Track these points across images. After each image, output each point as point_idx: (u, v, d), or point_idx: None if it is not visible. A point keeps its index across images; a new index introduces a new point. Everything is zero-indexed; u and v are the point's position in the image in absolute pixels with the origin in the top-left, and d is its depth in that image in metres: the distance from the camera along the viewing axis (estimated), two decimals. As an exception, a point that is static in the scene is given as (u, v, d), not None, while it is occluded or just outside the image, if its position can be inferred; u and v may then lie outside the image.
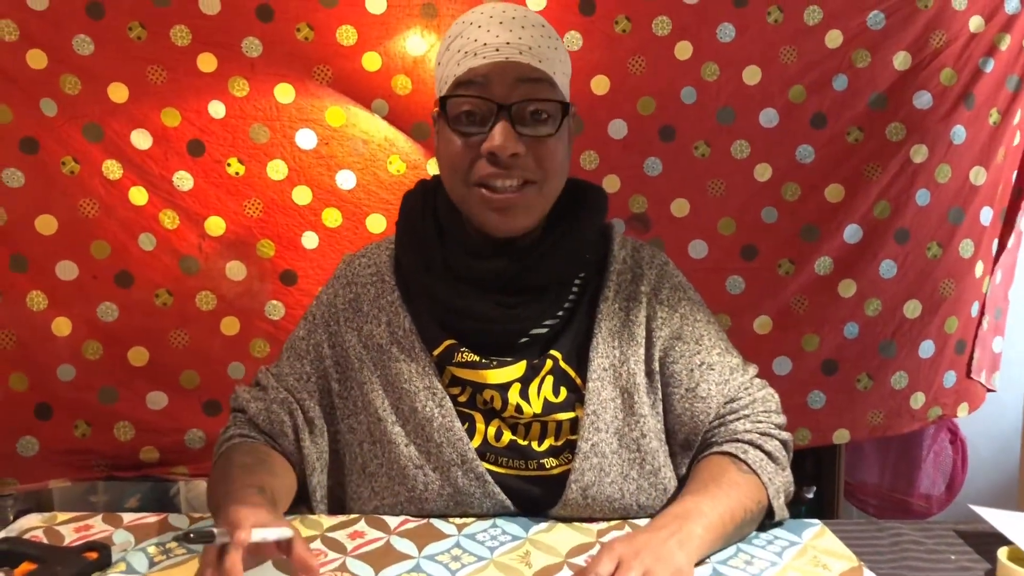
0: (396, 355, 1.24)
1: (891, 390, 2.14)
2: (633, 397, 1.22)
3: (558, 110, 1.16)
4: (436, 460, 1.21)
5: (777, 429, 1.22)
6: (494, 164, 1.14)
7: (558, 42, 1.20)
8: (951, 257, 2.11)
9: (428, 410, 1.21)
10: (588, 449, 1.19)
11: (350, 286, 1.31)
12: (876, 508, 2.42)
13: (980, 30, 2.03)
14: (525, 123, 1.15)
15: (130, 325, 1.98)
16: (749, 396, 1.25)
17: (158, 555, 1.09)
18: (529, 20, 1.18)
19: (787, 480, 1.20)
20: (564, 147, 1.20)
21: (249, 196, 1.98)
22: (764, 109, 2.05)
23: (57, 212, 1.92)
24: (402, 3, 1.95)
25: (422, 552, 1.11)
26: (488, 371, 1.21)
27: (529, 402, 1.21)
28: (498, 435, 1.22)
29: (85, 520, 1.19)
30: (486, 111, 1.14)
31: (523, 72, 1.14)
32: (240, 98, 1.95)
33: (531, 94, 1.14)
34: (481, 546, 1.12)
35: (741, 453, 1.17)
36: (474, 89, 1.14)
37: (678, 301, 1.28)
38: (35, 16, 1.86)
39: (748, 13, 2.01)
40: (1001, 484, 2.56)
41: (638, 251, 1.32)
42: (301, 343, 1.31)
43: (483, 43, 1.14)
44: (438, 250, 1.23)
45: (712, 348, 1.27)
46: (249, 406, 1.27)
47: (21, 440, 1.97)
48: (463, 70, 1.15)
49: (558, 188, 1.22)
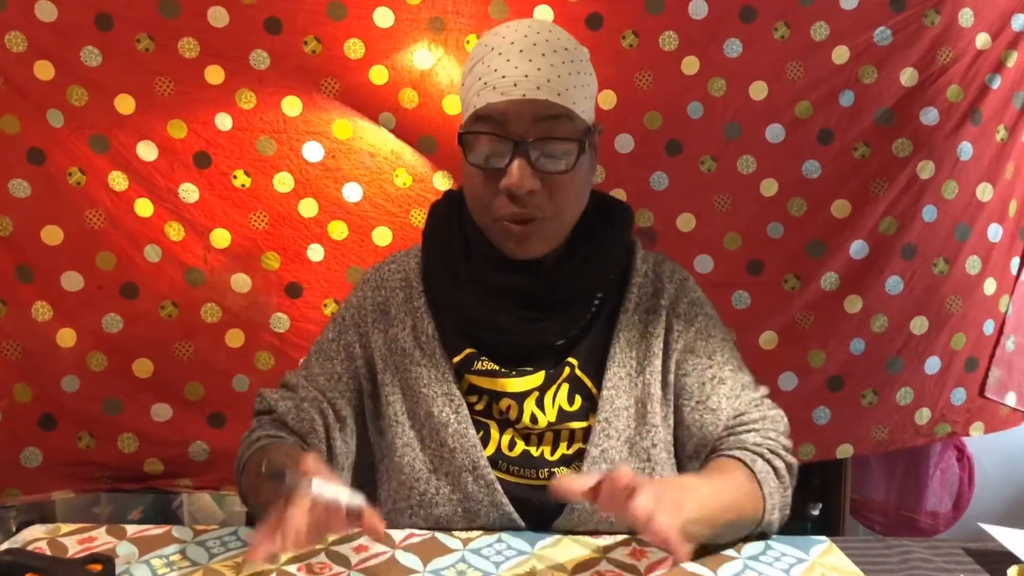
0: (417, 359, 1.26)
1: (896, 406, 2.14)
2: (647, 407, 1.23)
3: (574, 147, 1.16)
4: (448, 465, 1.22)
5: (784, 451, 1.22)
6: (511, 199, 1.15)
7: (582, 64, 1.18)
8: (958, 273, 2.10)
9: (444, 415, 1.23)
10: (597, 455, 1.20)
11: (379, 290, 1.32)
12: (882, 525, 2.41)
13: (987, 47, 2.03)
14: (541, 161, 1.14)
15: (135, 336, 1.98)
16: (759, 412, 1.24)
17: (162, 567, 1.08)
18: (551, 45, 1.16)
19: (785, 501, 1.20)
20: (581, 176, 1.19)
21: (255, 208, 1.99)
22: (770, 124, 2.05)
23: (63, 223, 1.93)
24: (410, 17, 1.96)
25: (427, 567, 1.10)
26: (507, 380, 1.22)
27: (544, 411, 1.22)
28: (511, 445, 1.23)
29: (89, 532, 1.18)
30: (504, 148, 1.14)
31: (540, 110, 1.13)
32: (247, 110, 1.96)
33: (548, 133, 1.14)
34: (487, 561, 1.11)
35: (750, 461, 1.17)
36: (491, 126, 1.14)
37: (695, 316, 1.29)
38: (43, 27, 1.87)
39: (755, 29, 2.02)
40: (1008, 502, 2.55)
41: (660, 265, 1.32)
42: (331, 345, 1.31)
43: (502, 75, 1.13)
44: (464, 263, 1.24)
45: (725, 364, 1.27)
46: (278, 405, 1.27)
47: (25, 451, 1.97)
48: (482, 104, 1.15)
49: (577, 213, 1.22)
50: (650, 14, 2.00)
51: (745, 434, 1.21)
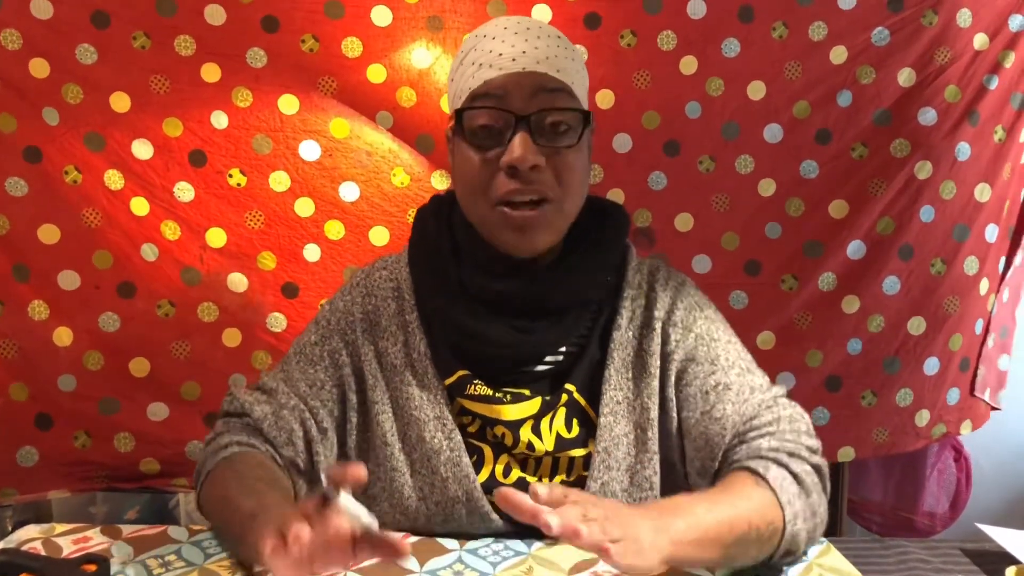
0: (409, 379, 1.20)
1: (896, 407, 2.13)
2: (647, 433, 1.18)
3: (578, 120, 1.13)
4: (440, 494, 1.18)
5: (808, 452, 1.10)
6: (513, 178, 1.10)
7: (575, 53, 1.17)
8: (955, 274, 2.10)
9: (436, 442, 1.18)
10: (597, 489, 1.16)
11: (369, 297, 1.26)
12: (880, 526, 2.41)
13: (984, 48, 2.03)
14: (544, 134, 1.11)
15: (132, 336, 1.98)
16: (772, 414, 1.13)
17: (157, 568, 1.08)
18: (544, 31, 1.15)
19: (811, 508, 1.06)
20: (584, 160, 1.16)
21: (251, 208, 1.98)
22: (768, 124, 2.05)
23: (60, 221, 1.92)
24: (407, 15, 1.95)
25: (424, 567, 1.09)
26: (502, 407, 1.17)
27: (541, 438, 1.17)
28: (507, 471, 1.19)
29: (84, 532, 1.18)
30: (504, 123, 1.11)
31: (541, 82, 1.11)
32: (243, 109, 1.95)
33: (550, 104, 1.11)
34: (483, 561, 1.11)
35: (762, 469, 1.05)
36: (491, 101, 1.11)
37: (693, 321, 1.22)
38: (39, 25, 1.86)
39: (753, 29, 2.01)
40: (1006, 502, 2.55)
41: (653, 274, 1.26)
42: (314, 349, 1.24)
43: (498, 54, 1.11)
44: (453, 269, 1.19)
45: (730, 368, 1.18)
46: (254, 409, 1.19)
47: (21, 450, 1.97)
48: (479, 82, 1.12)
49: (578, 205, 1.18)
50: (648, 14, 1.99)
51: (758, 440, 1.10)
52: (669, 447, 1.20)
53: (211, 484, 1.13)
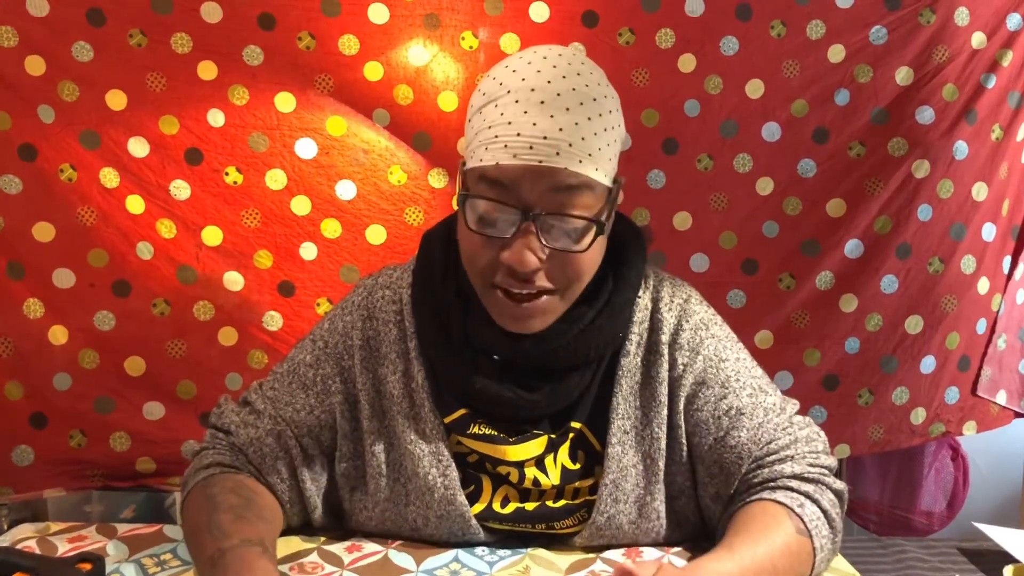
0: (406, 410, 1.15)
1: (892, 405, 2.13)
2: (657, 463, 1.14)
3: (592, 226, 1.04)
4: (434, 528, 1.15)
5: (830, 476, 1.10)
6: (512, 274, 1.03)
7: (611, 116, 1.06)
8: (953, 273, 2.10)
9: (431, 478, 1.13)
10: (604, 522, 1.13)
11: (370, 320, 1.19)
12: (877, 525, 2.41)
13: (982, 46, 2.03)
14: (552, 234, 1.02)
15: (127, 334, 1.97)
16: (789, 436, 1.11)
17: (152, 567, 1.07)
18: (578, 95, 1.02)
19: (834, 545, 1.08)
20: (595, 254, 1.08)
21: (247, 206, 1.97)
22: (766, 123, 2.04)
23: (55, 219, 1.91)
24: (404, 13, 1.95)
25: (420, 566, 1.09)
26: (506, 447, 1.12)
27: (547, 474, 1.14)
28: (504, 502, 1.15)
29: (79, 531, 1.17)
30: (510, 217, 1.02)
31: (558, 180, 1.00)
32: (240, 106, 1.94)
33: (564, 207, 1.01)
34: (480, 560, 1.11)
35: (797, 507, 1.04)
36: (499, 192, 1.01)
37: (700, 342, 1.16)
38: (35, 22, 1.85)
39: (751, 27, 2.01)
40: (1003, 501, 2.55)
41: (658, 291, 1.19)
42: (307, 371, 1.19)
43: (516, 132, 1.00)
44: (457, 318, 1.13)
45: (742, 390, 1.14)
46: (239, 432, 1.16)
47: (16, 449, 1.96)
48: (490, 162, 1.01)
49: (583, 286, 1.09)
50: (646, 12, 1.99)
51: (778, 465, 1.09)
52: (679, 473, 1.16)
53: (187, 507, 1.10)
